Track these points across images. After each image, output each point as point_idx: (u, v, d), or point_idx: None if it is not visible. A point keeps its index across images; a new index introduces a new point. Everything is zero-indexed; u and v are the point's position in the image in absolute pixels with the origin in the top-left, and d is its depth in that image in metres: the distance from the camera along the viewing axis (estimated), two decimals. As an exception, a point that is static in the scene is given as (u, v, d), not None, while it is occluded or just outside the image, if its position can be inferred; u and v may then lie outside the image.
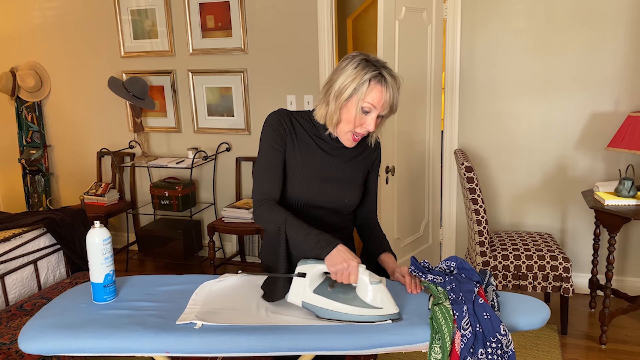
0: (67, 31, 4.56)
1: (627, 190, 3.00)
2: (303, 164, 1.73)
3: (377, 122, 1.67)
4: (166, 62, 4.33)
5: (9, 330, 2.58)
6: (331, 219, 1.81)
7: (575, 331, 3.22)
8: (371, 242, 1.90)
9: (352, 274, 1.50)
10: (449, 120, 3.76)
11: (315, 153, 1.74)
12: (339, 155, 1.78)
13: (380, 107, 1.63)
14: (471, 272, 1.58)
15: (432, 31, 3.60)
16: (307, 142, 1.74)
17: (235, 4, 4.00)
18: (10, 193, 5.18)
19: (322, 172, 1.75)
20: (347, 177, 1.78)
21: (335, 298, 1.50)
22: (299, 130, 1.74)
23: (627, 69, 3.36)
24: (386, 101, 1.63)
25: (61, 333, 1.47)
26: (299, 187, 1.74)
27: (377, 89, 1.61)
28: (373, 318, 1.47)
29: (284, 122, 1.72)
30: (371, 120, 1.64)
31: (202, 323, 1.47)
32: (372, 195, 1.92)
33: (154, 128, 4.48)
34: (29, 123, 4.80)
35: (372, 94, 1.61)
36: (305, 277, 1.53)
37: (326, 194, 1.76)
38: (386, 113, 1.66)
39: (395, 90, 1.64)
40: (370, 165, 1.86)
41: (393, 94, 1.63)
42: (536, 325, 1.51)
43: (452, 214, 3.91)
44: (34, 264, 3.09)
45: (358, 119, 1.64)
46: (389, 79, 1.62)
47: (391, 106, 1.65)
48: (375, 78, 1.61)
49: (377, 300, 1.47)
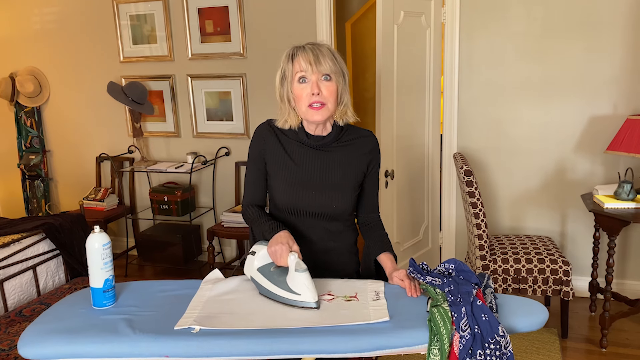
0: (67, 36, 4.57)
1: (627, 194, 3.00)
2: (286, 171, 1.79)
3: (325, 87, 1.69)
4: (165, 67, 4.34)
5: (8, 336, 2.58)
6: (326, 226, 1.82)
7: (576, 335, 3.22)
8: (371, 241, 1.89)
9: (282, 256, 1.61)
10: (448, 124, 3.77)
11: (297, 158, 1.79)
12: (326, 159, 1.78)
13: (310, 69, 1.67)
14: (469, 274, 1.58)
15: (430, 35, 3.61)
16: (290, 148, 1.79)
17: (234, 9, 4.02)
18: (10, 198, 5.18)
19: (305, 178, 1.78)
20: (335, 182, 1.78)
21: (270, 278, 1.64)
22: (283, 138, 1.81)
23: (625, 72, 3.37)
24: (312, 61, 1.67)
25: (60, 339, 1.46)
26: (283, 194, 1.79)
27: (298, 57, 1.70)
28: (291, 302, 1.58)
29: (263, 134, 1.83)
30: (313, 83, 1.68)
31: (200, 327, 1.47)
32: (371, 196, 1.91)
33: (153, 133, 4.49)
34: (28, 128, 4.80)
35: (297, 63, 1.70)
36: (254, 255, 1.71)
37: (311, 200, 1.77)
38: (327, 73, 1.68)
39: (318, 50, 1.69)
40: (365, 169, 1.84)
41: (316, 53, 1.68)
42: (534, 327, 1.51)
43: (452, 217, 3.91)
44: (33, 270, 3.09)
45: (302, 90, 1.70)
46: (308, 46, 1.70)
47: (322, 63, 1.67)
48: (294, 51, 1.71)
49: (296, 287, 1.58)
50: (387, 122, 3.30)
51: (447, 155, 3.81)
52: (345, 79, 1.73)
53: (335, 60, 1.70)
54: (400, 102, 3.40)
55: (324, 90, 1.69)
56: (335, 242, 1.86)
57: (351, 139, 1.82)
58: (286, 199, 1.79)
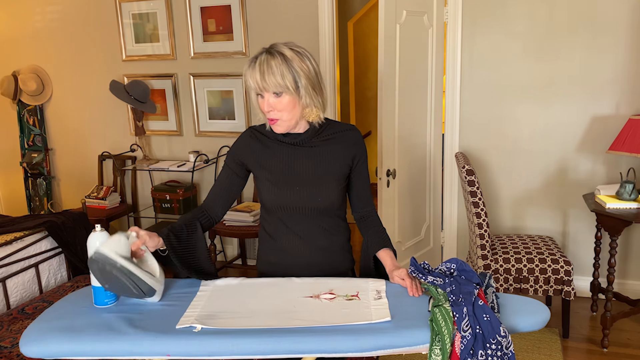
0: (69, 35, 4.57)
1: (629, 194, 3.00)
2: (269, 171, 1.80)
3: (278, 102, 1.68)
4: (167, 66, 4.34)
5: (10, 334, 2.58)
6: (316, 222, 1.82)
7: (577, 334, 3.22)
8: (369, 237, 1.88)
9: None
10: (450, 123, 3.76)
11: (279, 157, 1.80)
12: (308, 154, 1.79)
13: (260, 87, 1.68)
14: (471, 273, 1.58)
15: (432, 34, 3.60)
16: (272, 149, 1.81)
17: (236, 8, 4.02)
18: (12, 196, 5.19)
19: (289, 174, 1.79)
20: (318, 176, 1.79)
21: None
22: (264, 140, 1.83)
23: (628, 72, 3.37)
24: (257, 80, 1.67)
25: (62, 336, 1.47)
26: (269, 194, 1.80)
27: (249, 74, 1.69)
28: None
29: (241, 142, 1.86)
30: (265, 101, 1.70)
31: (202, 326, 1.47)
32: (362, 189, 1.89)
33: (155, 131, 4.49)
34: (31, 126, 4.81)
35: (249, 80, 1.70)
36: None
37: (296, 195, 1.78)
38: (279, 89, 1.66)
39: (266, 66, 1.66)
40: (350, 162, 1.83)
41: (263, 71, 1.66)
42: (536, 326, 1.51)
43: (453, 217, 3.91)
44: (35, 267, 3.09)
45: (259, 103, 1.72)
46: (262, 57, 1.68)
47: (267, 82, 1.65)
48: (246, 68, 1.70)
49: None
50: (389, 122, 3.30)
51: (449, 155, 3.81)
52: (299, 88, 1.68)
53: (285, 72, 1.65)
54: (402, 102, 3.40)
55: (277, 106, 1.69)
56: (328, 240, 1.85)
57: (332, 133, 1.82)
58: (272, 197, 1.80)
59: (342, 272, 1.89)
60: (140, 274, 1.55)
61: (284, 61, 1.66)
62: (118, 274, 1.52)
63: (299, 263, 1.84)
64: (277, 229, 1.85)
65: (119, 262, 1.52)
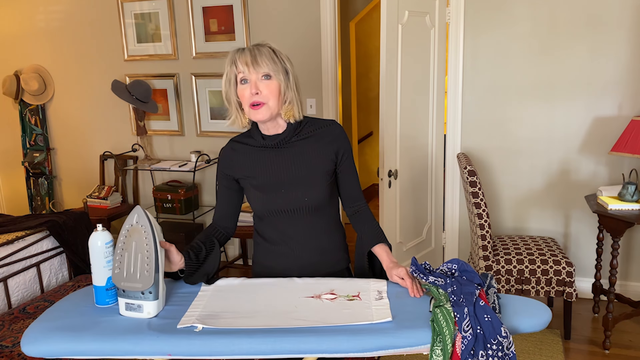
0: (71, 35, 4.58)
1: (631, 195, 2.99)
2: (254, 179, 1.79)
3: (265, 86, 1.69)
4: (169, 66, 4.34)
5: (11, 333, 2.59)
6: (307, 222, 1.81)
7: (579, 336, 3.21)
8: (363, 233, 1.87)
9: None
10: (451, 124, 3.76)
11: (261, 164, 1.79)
12: (289, 154, 1.78)
13: (248, 70, 1.68)
14: (472, 274, 1.58)
15: (435, 35, 3.60)
16: (253, 157, 1.81)
17: (238, 8, 4.02)
18: (14, 196, 5.20)
19: (273, 178, 1.78)
20: (302, 175, 1.78)
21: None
22: (245, 149, 1.83)
23: (630, 73, 3.36)
24: (249, 62, 1.67)
25: (64, 336, 1.47)
26: (257, 201, 1.80)
27: (238, 57, 1.70)
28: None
29: (224, 157, 1.86)
30: (252, 83, 1.69)
31: (203, 326, 1.47)
32: (351, 184, 1.88)
33: (157, 131, 4.50)
34: (33, 126, 4.82)
35: (237, 66, 1.70)
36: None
37: (283, 198, 1.77)
38: (266, 73, 1.68)
39: (256, 51, 1.69)
40: (334, 157, 1.81)
41: (254, 54, 1.68)
42: (537, 327, 1.51)
43: (455, 218, 3.90)
44: (36, 267, 3.10)
45: (244, 90, 1.71)
46: (248, 48, 1.72)
47: (259, 63, 1.67)
48: (234, 54, 1.71)
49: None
50: (390, 122, 3.29)
51: (451, 156, 3.81)
52: (289, 77, 1.72)
53: (275, 59, 1.70)
54: (404, 102, 3.40)
55: (264, 90, 1.69)
56: (321, 240, 1.85)
57: (312, 130, 1.81)
58: (260, 204, 1.80)
59: (338, 271, 1.89)
60: (161, 273, 1.56)
61: (272, 51, 1.72)
62: (148, 248, 1.53)
63: (294, 265, 1.84)
64: (270, 233, 1.85)
65: (156, 238, 1.54)
